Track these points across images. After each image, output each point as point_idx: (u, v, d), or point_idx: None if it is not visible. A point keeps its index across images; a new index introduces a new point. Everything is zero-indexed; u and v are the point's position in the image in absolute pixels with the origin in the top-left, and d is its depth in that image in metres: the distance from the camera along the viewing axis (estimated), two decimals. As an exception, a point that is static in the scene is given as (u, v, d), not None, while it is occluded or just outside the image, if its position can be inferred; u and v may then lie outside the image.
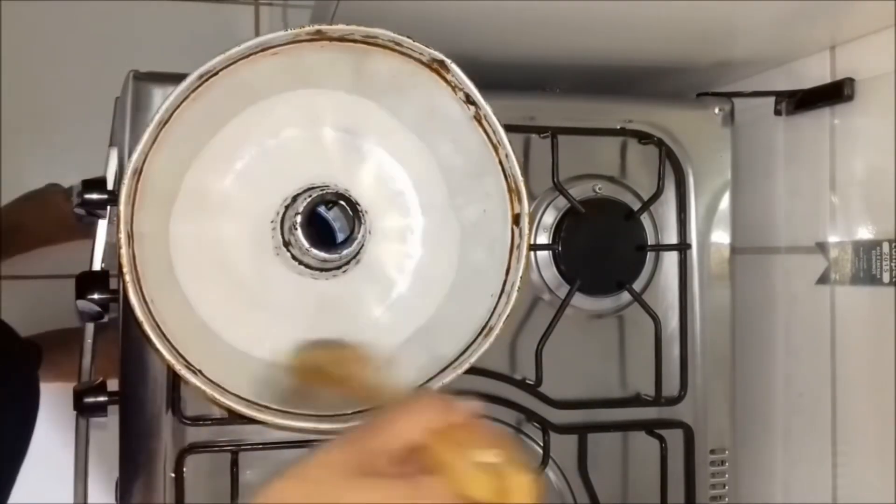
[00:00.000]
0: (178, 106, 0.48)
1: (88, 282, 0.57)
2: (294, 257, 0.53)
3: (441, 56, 0.51)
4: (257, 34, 1.06)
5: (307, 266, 0.53)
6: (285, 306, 0.54)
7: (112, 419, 0.59)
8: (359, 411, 0.50)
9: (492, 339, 0.53)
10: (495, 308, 0.54)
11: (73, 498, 0.67)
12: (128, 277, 0.46)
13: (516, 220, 0.54)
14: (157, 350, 0.47)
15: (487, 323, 0.54)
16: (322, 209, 0.55)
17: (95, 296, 0.58)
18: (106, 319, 0.59)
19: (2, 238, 1.01)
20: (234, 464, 0.57)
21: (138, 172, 0.48)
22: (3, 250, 1.03)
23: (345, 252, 0.53)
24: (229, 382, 0.49)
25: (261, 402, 0.50)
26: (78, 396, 0.59)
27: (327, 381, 0.52)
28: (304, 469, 0.38)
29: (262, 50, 0.49)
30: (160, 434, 0.57)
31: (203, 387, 0.48)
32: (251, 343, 0.53)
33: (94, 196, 0.59)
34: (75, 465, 0.65)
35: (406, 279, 0.56)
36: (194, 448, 0.57)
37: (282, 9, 1.01)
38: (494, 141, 0.53)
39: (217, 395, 0.48)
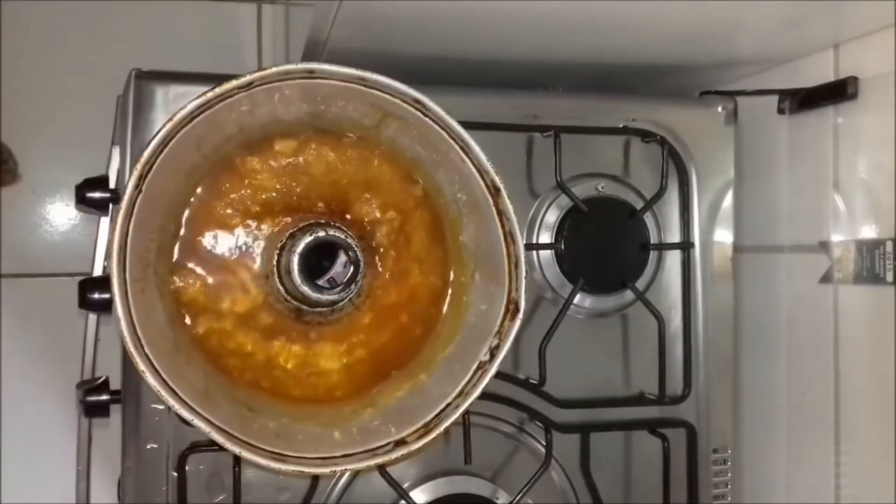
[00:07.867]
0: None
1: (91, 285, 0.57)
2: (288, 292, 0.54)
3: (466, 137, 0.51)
4: (259, 33, 1.06)
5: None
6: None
7: (114, 417, 0.59)
8: (346, 454, 0.51)
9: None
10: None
11: (76, 497, 0.67)
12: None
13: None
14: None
15: None
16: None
17: (96, 295, 0.57)
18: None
19: None
20: (237, 463, 0.57)
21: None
22: None
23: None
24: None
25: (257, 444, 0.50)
26: (80, 395, 0.59)
27: None
28: None
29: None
30: (162, 433, 0.57)
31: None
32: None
33: (97, 195, 0.59)
34: (77, 464, 0.65)
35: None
36: (196, 447, 0.57)
37: (284, 7, 1.00)
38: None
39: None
